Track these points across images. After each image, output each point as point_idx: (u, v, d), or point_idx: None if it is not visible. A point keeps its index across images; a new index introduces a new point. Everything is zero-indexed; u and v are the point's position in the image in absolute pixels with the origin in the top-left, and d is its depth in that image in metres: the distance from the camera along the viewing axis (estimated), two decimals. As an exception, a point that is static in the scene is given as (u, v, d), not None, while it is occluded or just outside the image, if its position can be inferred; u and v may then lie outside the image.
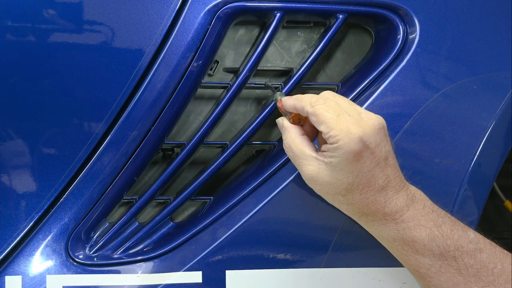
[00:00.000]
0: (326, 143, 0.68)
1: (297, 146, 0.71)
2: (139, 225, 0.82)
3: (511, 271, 0.68)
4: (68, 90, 0.74)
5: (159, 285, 0.78)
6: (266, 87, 0.81)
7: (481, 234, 0.71)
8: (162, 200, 0.83)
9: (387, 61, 0.79)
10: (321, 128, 0.67)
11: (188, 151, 0.79)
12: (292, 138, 0.72)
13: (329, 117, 0.67)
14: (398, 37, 0.78)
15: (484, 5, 0.79)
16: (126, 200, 0.81)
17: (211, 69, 0.82)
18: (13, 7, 0.71)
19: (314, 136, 0.75)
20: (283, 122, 0.74)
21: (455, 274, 0.68)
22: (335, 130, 0.66)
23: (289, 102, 0.73)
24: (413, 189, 0.71)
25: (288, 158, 0.78)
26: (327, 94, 0.71)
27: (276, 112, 0.80)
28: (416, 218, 0.69)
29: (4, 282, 0.76)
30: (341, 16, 0.78)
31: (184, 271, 0.78)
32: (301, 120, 0.73)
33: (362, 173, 0.66)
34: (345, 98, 0.71)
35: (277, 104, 0.76)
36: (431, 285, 0.70)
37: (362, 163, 0.66)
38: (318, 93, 0.86)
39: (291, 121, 0.74)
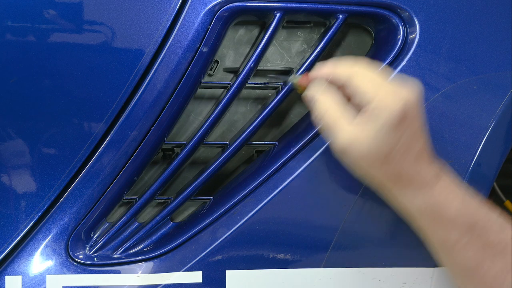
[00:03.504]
0: (360, 112, 0.67)
1: (331, 114, 0.68)
2: (139, 225, 0.82)
3: None
4: (68, 90, 0.74)
5: (159, 285, 0.78)
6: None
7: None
8: (162, 200, 0.83)
9: (387, 61, 0.79)
10: (361, 92, 0.66)
11: (188, 151, 0.79)
12: (326, 106, 0.69)
13: (370, 82, 0.66)
14: (398, 37, 0.78)
15: (484, 5, 0.79)
16: (126, 200, 0.81)
17: (211, 69, 0.82)
18: (13, 7, 0.71)
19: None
20: (314, 92, 0.71)
21: (481, 250, 0.67)
22: (379, 96, 0.64)
23: (321, 71, 0.71)
24: (440, 163, 0.71)
25: (288, 158, 0.78)
26: (360, 63, 0.69)
27: (276, 112, 0.80)
28: (446, 190, 0.68)
29: (4, 282, 0.76)
30: (341, 16, 0.78)
31: (184, 271, 0.78)
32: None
33: (402, 139, 0.65)
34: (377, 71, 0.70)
35: (299, 81, 0.74)
36: (456, 262, 0.69)
37: (404, 129, 0.65)
38: (318, 93, 0.86)
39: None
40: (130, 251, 0.80)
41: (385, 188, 0.71)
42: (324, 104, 0.69)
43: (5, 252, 0.77)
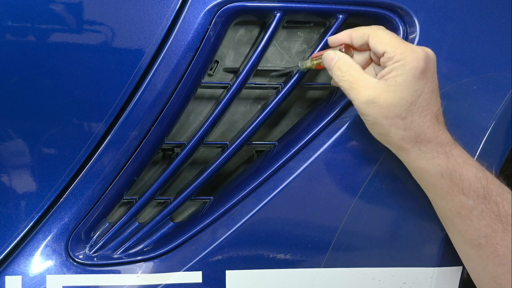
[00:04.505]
0: (382, 68, 0.69)
1: (354, 72, 0.70)
2: (139, 225, 0.82)
3: None
4: (68, 90, 0.74)
5: (159, 285, 0.78)
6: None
7: None
8: (162, 200, 0.83)
9: (387, 61, 0.78)
10: (384, 48, 0.68)
11: (188, 151, 0.79)
12: (350, 63, 0.70)
13: (393, 38, 0.69)
14: (398, 37, 0.78)
15: (484, 5, 0.79)
16: (126, 200, 0.81)
17: (211, 69, 0.82)
18: (13, 7, 0.71)
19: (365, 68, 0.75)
20: (335, 52, 0.73)
21: (496, 220, 0.68)
22: (401, 49, 0.67)
23: (338, 37, 0.74)
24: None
25: (288, 158, 0.78)
26: (375, 26, 0.72)
27: (276, 112, 0.80)
28: (463, 156, 0.70)
29: (4, 282, 0.76)
30: (341, 16, 0.78)
31: (184, 271, 0.78)
32: (351, 55, 0.74)
33: (423, 94, 0.67)
34: None
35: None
36: (470, 230, 0.70)
37: (425, 83, 0.67)
38: (318, 93, 0.86)
39: (343, 51, 0.73)
40: (130, 251, 0.80)
41: (405, 149, 0.70)
42: (345, 64, 0.71)
43: (5, 252, 0.77)
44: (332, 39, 0.75)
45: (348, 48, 0.73)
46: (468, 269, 0.75)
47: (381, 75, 0.69)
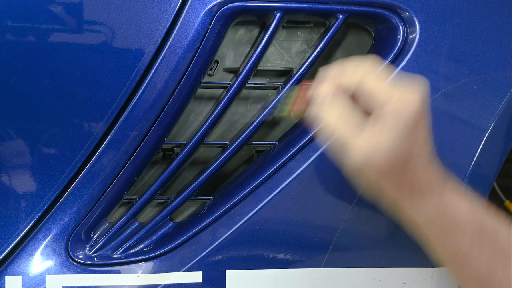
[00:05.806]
0: (372, 119, 0.62)
1: (348, 120, 0.62)
2: (139, 225, 0.82)
3: None
4: (68, 90, 0.74)
5: (159, 285, 0.78)
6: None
7: None
8: (162, 200, 0.83)
9: (387, 61, 0.79)
10: (377, 95, 0.61)
11: (188, 151, 0.79)
12: (340, 112, 0.62)
13: (380, 86, 0.62)
14: (398, 37, 0.78)
15: (484, 5, 0.79)
16: (126, 200, 0.81)
17: (211, 69, 0.82)
18: (13, 7, 0.71)
19: None
20: (318, 110, 0.65)
21: (493, 256, 0.66)
22: (393, 98, 0.60)
23: (324, 86, 0.65)
24: (441, 165, 0.69)
25: (288, 158, 0.78)
26: (364, 66, 0.64)
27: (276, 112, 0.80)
28: (454, 196, 0.67)
29: (4, 282, 0.76)
30: (341, 16, 0.78)
31: (184, 271, 0.78)
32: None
33: (419, 140, 0.62)
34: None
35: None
36: (469, 272, 0.67)
37: (420, 128, 0.62)
38: (318, 93, 0.86)
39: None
40: (130, 251, 0.80)
41: (396, 203, 0.68)
42: (337, 109, 0.64)
43: (5, 252, 0.77)
44: (317, 90, 0.66)
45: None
46: None
47: (374, 121, 0.62)
